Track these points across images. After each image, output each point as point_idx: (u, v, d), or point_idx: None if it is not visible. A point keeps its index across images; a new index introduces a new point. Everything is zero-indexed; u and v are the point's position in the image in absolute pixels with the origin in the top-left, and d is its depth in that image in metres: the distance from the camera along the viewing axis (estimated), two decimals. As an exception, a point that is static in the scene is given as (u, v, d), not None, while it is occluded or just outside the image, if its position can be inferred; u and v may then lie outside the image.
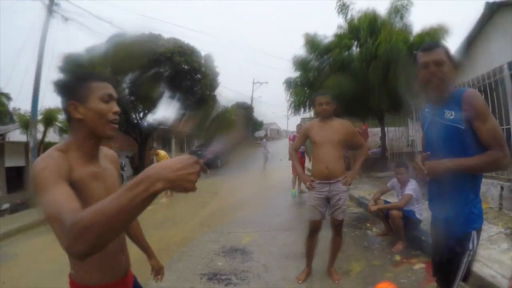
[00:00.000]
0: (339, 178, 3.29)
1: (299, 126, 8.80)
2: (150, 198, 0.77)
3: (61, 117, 13.01)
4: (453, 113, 1.68)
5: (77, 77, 1.27)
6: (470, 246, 1.73)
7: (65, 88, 1.29)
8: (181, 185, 0.80)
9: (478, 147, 1.65)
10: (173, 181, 0.78)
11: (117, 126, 1.28)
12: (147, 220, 6.54)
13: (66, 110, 1.22)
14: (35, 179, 1.03)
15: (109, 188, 1.25)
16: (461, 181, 1.72)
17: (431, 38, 8.33)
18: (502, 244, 3.52)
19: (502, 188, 4.55)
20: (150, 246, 1.78)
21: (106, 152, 1.43)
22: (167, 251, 4.74)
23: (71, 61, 13.78)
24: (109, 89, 1.25)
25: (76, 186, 1.09)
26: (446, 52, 1.71)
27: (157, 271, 1.84)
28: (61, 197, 0.95)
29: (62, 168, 1.08)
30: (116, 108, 1.25)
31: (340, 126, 3.32)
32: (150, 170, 0.79)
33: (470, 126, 1.65)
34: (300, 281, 3.50)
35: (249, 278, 3.71)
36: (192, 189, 0.82)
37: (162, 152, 8.89)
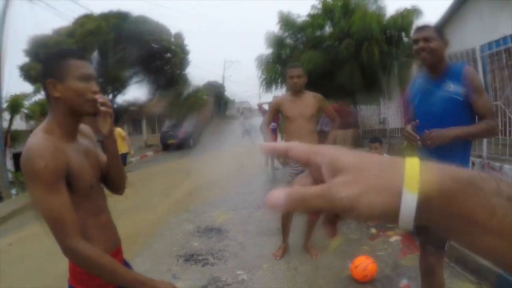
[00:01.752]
0: None
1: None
2: None
3: (27, 103, 12.25)
4: (453, 86, 1.86)
5: (55, 55, 1.26)
6: None
7: (43, 66, 1.28)
8: None
9: (470, 118, 1.87)
10: None
11: (96, 103, 1.25)
12: (119, 204, 6.30)
13: (44, 88, 1.21)
14: (33, 176, 1.07)
15: (91, 164, 1.30)
16: (459, 147, 1.90)
17: (404, 20, 8.49)
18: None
19: (473, 164, 4.68)
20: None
21: (81, 129, 1.39)
22: (140, 235, 4.57)
23: (38, 43, 13.03)
24: (87, 68, 1.24)
25: (68, 169, 1.15)
26: (435, 31, 1.89)
27: None
28: (63, 206, 1.09)
29: (59, 164, 1.11)
30: (95, 87, 1.24)
31: (312, 99, 3.25)
32: (150, 281, 1.21)
33: (467, 99, 1.83)
34: (277, 258, 3.47)
35: (226, 257, 3.65)
36: None
37: (117, 129, 8.59)
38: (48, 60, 1.28)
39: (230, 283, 3.05)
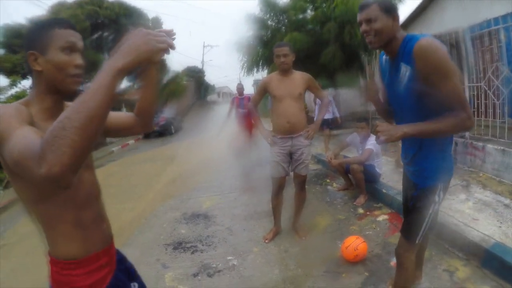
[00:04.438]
0: (301, 132, 3.21)
1: (239, 86, 8.50)
2: (114, 79, 0.81)
3: (3, 97, 11.52)
4: (408, 69, 1.52)
5: (40, 24, 1.09)
6: (436, 198, 1.72)
7: (26, 36, 1.10)
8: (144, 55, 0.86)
9: (439, 107, 1.47)
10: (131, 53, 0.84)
11: (81, 80, 1.13)
12: (103, 194, 6.12)
13: (26, 60, 1.07)
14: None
15: None
16: (437, 145, 1.69)
17: None
18: (460, 195, 3.72)
19: (456, 144, 4.76)
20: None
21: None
22: (126, 226, 4.43)
23: (11, 34, 12.39)
24: (72, 37, 1.08)
25: None
26: (380, 7, 1.53)
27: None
28: (28, 133, 0.85)
29: (23, 114, 0.96)
30: (78, 60, 1.09)
31: (300, 79, 3.19)
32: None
33: (427, 83, 1.44)
34: (267, 241, 3.46)
35: (215, 243, 3.60)
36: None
37: None
38: (31, 30, 1.11)
39: (221, 269, 3.01)
